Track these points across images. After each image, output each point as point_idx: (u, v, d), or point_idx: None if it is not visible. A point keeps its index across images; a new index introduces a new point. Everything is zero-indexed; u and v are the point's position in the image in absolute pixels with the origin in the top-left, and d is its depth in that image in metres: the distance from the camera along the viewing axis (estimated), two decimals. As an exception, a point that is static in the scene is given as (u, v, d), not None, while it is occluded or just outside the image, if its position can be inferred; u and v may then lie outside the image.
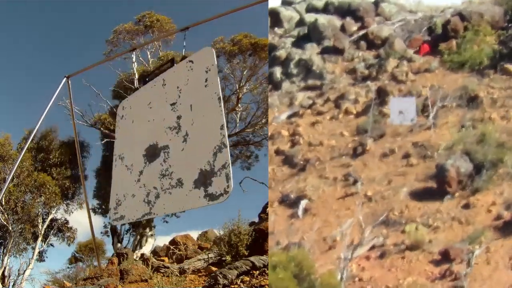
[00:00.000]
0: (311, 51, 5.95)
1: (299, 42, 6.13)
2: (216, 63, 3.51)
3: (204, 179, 2.94)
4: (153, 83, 4.07)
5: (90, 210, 9.33)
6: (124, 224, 17.00)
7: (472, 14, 5.70)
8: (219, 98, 3.24)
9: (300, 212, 4.51)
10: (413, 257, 4.00)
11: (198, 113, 3.36)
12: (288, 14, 6.39)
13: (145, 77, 4.37)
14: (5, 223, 14.59)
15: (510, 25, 5.69)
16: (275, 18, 6.34)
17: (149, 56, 17.10)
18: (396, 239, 4.15)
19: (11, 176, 5.74)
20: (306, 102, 5.60)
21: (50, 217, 16.45)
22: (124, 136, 4.22)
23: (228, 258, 8.23)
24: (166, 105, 3.72)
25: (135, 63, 14.41)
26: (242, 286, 6.37)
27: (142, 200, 3.45)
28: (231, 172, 2.80)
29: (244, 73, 16.04)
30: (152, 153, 3.61)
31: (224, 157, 2.89)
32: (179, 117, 3.52)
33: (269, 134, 5.38)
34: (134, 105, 4.27)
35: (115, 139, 4.30)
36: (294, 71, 5.87)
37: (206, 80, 3.45)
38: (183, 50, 4.58)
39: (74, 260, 20.16)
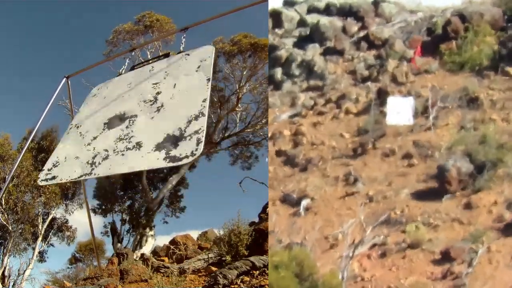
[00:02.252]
0: (313, 52, 5.95)
1: (301, 43, 6.13)
2: (213, 56, 3.40)
3: (168, 143, 2.71)
4: (141, 70, 3.91)
5: (90, 210, 9.32)
6: (124, 224, 16.99)
7: (473, 15, 5.71)
8: (208, 79, 3.09)
9: (301, 211, 4.52)
10: (414, 256, 4.00)
11: (181, 90, 3.19)
12: (289, 14, 6.40)
13: (134, 66, 4.13)
14: (5, 223, 14.56)
15: (509, 25, 5.70)
16: (276, 19, 6.34)
17: (149, 56, 17.09)
18: (397, 239, 4.15)
19: (11, 176, 5.74)
20: (307, 102, 5.61)
21: (50, 217, 16.43)
22: (88, 110, 3.88)
23: (228, 258, 8.24)
24: (148, 84, 3.52)
25: (134, 63, 14.38)
26: (242, 286, 6.38)
27: (86, 162, 3.12)
28: (203, 138, 2.61)
29: (244, 73, 16.05)
30: (116, 122, 3.34)
31: (199, 124, 2.72)
32: (158, 93, 3.33)
33: (270, 134, 5.38)
34: (112, 85, 4.02)
35: (77, 112, 3.98)
36: (296, 71, 5.87)
37: (198, 67, 3.30)
38: (181, 48, 4.52)
39: (74, 260, 20.15)
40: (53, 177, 3.29)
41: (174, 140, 2.71)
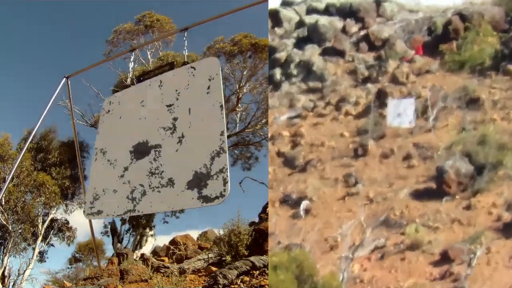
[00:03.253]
0: (311, 52, 5.94)
1: (300, 43, 6.12)
2: (220, 72, 3.44)
3: (198, 181, 2.85)
4: (148, 83, 3.93)
5: (90, 210, 9.27)
6: (124, 224, 17.00)
7: (473, 14, 5.70)
8: (221, 106, 3.18)
9: (301, 212, 4.51)
10: (413, 258, 4.00)
11: (197, 117, 3.26)
12: (288, 15, 6.39)
13: (140, 77, 4.16)
14: (5, 223, 14.57)
15: (511, 26, 5.69)
16: (275, 19, 6.33)
17: (149, 56, 17.11)
18: (396, 240, 4.15)
19: (11, 176, 5.73)
20: (307, 103, 5.60)
21: (50, 217, 16.44)
22: (108, 131, 4.00)
23: (228, 258, 8.25)
24: (161, 105, 3.58)
25: (134, 63, 14.38)
26: (242, 286, 6.38)
27: (125, 196, 3.28)
28: (229, 177, 2.74)
29: (244, 73, 16.05)
30: (141, 150, 3.45)
31: (222, 162, 2.83)
32: (175, 119, 3.40)
33: (270, 135, 5.38)
34: (124, 102, 4.08)
35: (98, 133, 4.10)
36: (295, 72, 5.86)
37: (208, 88, 3.37)
38: (184, 50, 4.51)
39: (74, 260, 20.17)
40: (99, 212, 3.50)
41: (202, 178, 2.88)
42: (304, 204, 4.54)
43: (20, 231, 15.07)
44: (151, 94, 3.82)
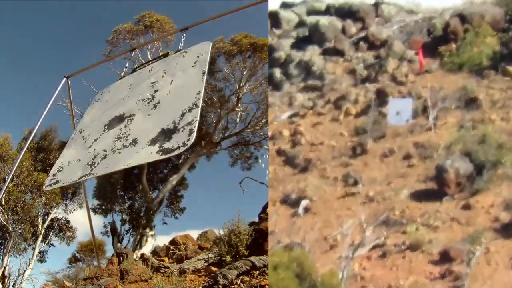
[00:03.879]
0: (312, 53, 5.96)
1: (300, 44, 6.14)
2: (209, 51, 3.45)
3: (163, 137, 2.77)
4: (140, 71, 4.03)
5: (90, 210, 9.33)
6: (124, 224, 17.00)
7: (473, 15, 5.71)
8: (203, 72, 3.16)
9: (301, 211, 4.52)
10: (413, 257, 4.01)
11: (177, 85, 3.26)
12: (288, 16, 6.40)
13: (136, 69, 4.25)
14: (5, 223, 14.57)
15: (511, 26, 5.71)
16: (275, 19, 6.35)
17: (149, 56, 17.10)
18: (396, 239, 4.16)
19: (11, 176, 5.74)
20: (306, 103, 5.61)
21: (50, 217, 16.45)
22: (92, 115, 4.01)
23: (228, 258, 8.25)
24: (147, 84, 3.63)
25: (134, 63, 14.43)
26: (242, 286, 6.38)
27: (86, 163, 3.23)
28: (196, 127, 2.66)
29: (244, 73, 16.06)
30: (115, 122, 3.45)
31: (192, 115, 2.77)
32: (156, 91, 3.42)
33: (270, 134, 5.39)
34: (113, 89, 4.14)
35: (82, 118, 4.13)
36: (295, 72, 5.87)
37: (195, 63, 3.37)
38: (179, 47, 4.53)
39: (74, 260, 20.17)
40: (57, 182, 3.40)
41: (168, 133, 2.77)
42: (304, 203, 4.55)
43: (20, 231, 15.07)
44: (140, 77, 3.89)
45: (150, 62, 4.18)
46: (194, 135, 2.60)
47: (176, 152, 2.59)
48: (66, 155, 3.67)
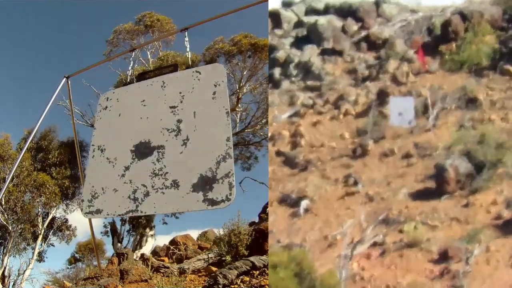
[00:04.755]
0: (311, 53, 5.96)
1: (299, 44, 6.14)
2: (226, 80, 3.45)
3: (204, 184, 2.84)
4: (150, 82, 3.88)
5: (90, 210, 9.29)
6: (124, 224, 17.00)
7: (473, 14, 5.71)
8: (227, 113, 3.21)
9: (301, 211, 4.53)
10: (412, 256, 4.01)
11: (203, 121, 3.26)
12: (288, 15, 6.40)
13: (141, 76, 4.09)
14: (5, 223, 14.58)
15: (509, 25, 5.71)
16: (275, 19, 6.35)
17: (149, 56, 17.12)
18: (395, 238, 4.17)
19: (11, 176, 5.75)
20: (306, 103, 5.61)
21: (50, 217, 16.46)
22: (106, 128, 3.90)
23: (228, 258, 8.26)
24: (164, 106, 3.55)
25: (134, 63, 14.44)
26: (242, 286, 6.39)
27: (127, 196, 3.21)
28: (234, 181, 2.76)
29: (244, 73, 16.07)
30: (143, 150, 3.39)
31: (228, 167, 2.84)
32: (179, 121, 3.38)
33: (270, 134, 5.40)
34: (123, 99, 4.00)
35: (94, 129, 4.01)
36: (294, 72, 5.88)
37: (214, 93, 3.38)
38: (188, 53, 4.49)
39: (74, 260, 20.18)
40: (98, 211, 3.39)
41: (208, 182, 2.87)
42: (304, 203, 4.56)
43: (20, 231, 15.08)
44: (153, 93, 3.77)
45: (158, 71, 4.07)
46: (234, 190, 2.73)
47: (221, 206, 2.71)
48: (95, 178, 3.59)
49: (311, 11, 6.41)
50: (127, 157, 3.47)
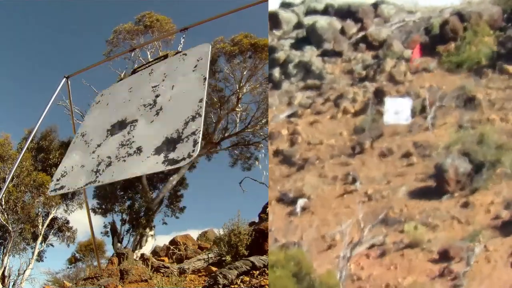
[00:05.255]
0: (310, 53, 5.97)
1: (299, 44, 6.15)
2: (209, 53, 3.43)
3: (167, 146, 2.76)
4: (140, 73, 3.98)
5: (90, 210, 9.34)
6: (124, 224, 17.02)
7: (471, 14, 5.72)
8: (204, 78, 3.14)
9: (298, 210, 4.53)
10: (412, 255, 4.02)
11: (179, 91, 3.23)
12: (288, 16, 6.41)
13: (135, 70, 4.18)
14: (5, 223, 14.59)
15: (508, 25, 5.72)
16: (275, 20, 6.36)
17: (149, 56, 17.13)
18: (395, 238, 4.17)
19: (11, 176, 5.75)
20: (305, 101, 5.63)
21: (50, 217, 16.46)
22: (93, 118, 3.98)
23: (228, 258, 8.27)
24: (147, 87, 3.59)
25: (134, 64, 14.44)
26: (242, 286, 6.39)
27: (91, 170, 3.22)
28: (200, 138, 2.66)
29: (244, 73, 16.07)
30: (117, 128, 3.42)
31: (195, 125, 2.76)
32: (157, 96, 3.39)
33: (269, 133, 5.41)
34: (114, 92, 4.10)
35: (83, 121, 4.10)
36: (294, 73, 5.89)
37: (195, 67, 3.35)
38: (179, 48, 4.52)
39: (74, 260, 20.19)
40: (61, 187, 3.41)
41: (172, 142, 2.76)
42: (302, 201, 4.56)
43: (20, 231, 15.09)
44: (141, 80, 3.84)
45: (150, 63, 4.14)
46: (198, 146, 2.60)
47: (181, 164, 2.59)
48: (69, 159, 3.65)
49: (310, 11, 6.43)
50: (102, 135, 3.50)
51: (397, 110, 5.16)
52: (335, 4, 6.29)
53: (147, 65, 4.15)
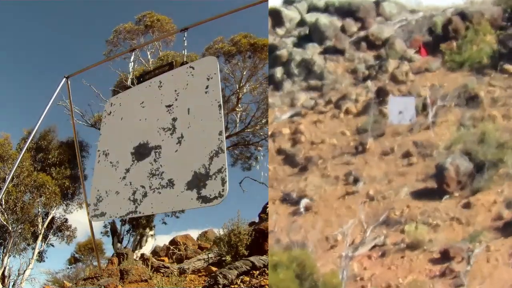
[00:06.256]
0: (312, 51, 5.95)
1: (300, 42, 6.13)
2: (218, 72, 3.47)
3: (197, 182, 2.89)
4: (148, 84, 3.98)
5: (90, 210, 9.30)
6: (124, 224, 17.00)
7: (473, 13, 5.71)
8: (220, 105, 3.20)
9: (301, 211, 4.52)
10: (413, 256, 4.01)
11: (196, 117, 3.30)
12: (289, 14, 6.39)
13: (141, 77, 4.20)
14: (5, 223, 14.57)
15: (509, 24, 5.71)
16: (276, 18, 6.34)
17: (149, 56, 17.11)
18: (396, 238, 4.16)
19: (10, 176, 5.74)
20: (307, 102, 5.61)
21: (50, 217, 16.45)
22: (110, 132, 4.07)
23: (228, 258, 8.25)
24: (160, 106, 3.63)
25: (134, 63, 14.38)
26: (242, 286, 6.38)
27: (127, 198, 3.34)
28: (227, 176, 2.77)
29: (244, 73, 16.05)
30: (142, 152, 3.51)
31: (220, 162, 2.86)
32: (174, 119, 3.45)
33: (270, 133, 5.39)
34: (125, 103, 4.14)
35: (100, 134, 4.18)
36: (296, 71, 5.87)
37: (207, 87, 3.39)
38: (184, 50, 4.53)
39: (74, 260, 20.18)
40: (102, 214, 3.56)
41: (201, 179, 2.91)
42: (304, 202, 4.55)
43: (20, 231, 15.07)
44: (151, 94, 3.86)
45: (155, 71, 4.15)
46: (227, 185, 2.73)
47: (214, 203, 2.73)
48: (99, 183, 3.78)
49: (312, 8, 6.40)
50: (128, 159, 3.59)
51: (399, 110, 5.15)
52: (335, 2, 6.28)
53: (153, 73, 4.15)
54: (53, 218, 16.86)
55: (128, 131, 3.81)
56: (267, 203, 10.27)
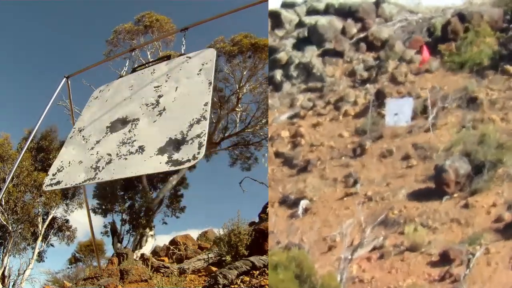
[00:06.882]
0: (311, 54, 5.94)
1: (300, 44, 6.13)
2: (215, 59, 3.40)
3: (171, 147, 2.69)
4: (141, 72, 3.90)
5: (90, 210, 9.32)
6: (124, 224, 17.00)
7: (473, 15, 5.70)
8: (210, 83, 3.08)
9: (300, 212, 4.51)
10: (412, 258, 3.99)
11: (183, 93, 3.17)
12: (289, 16, 6.39)
13: (135, 68, 4.11)
14: (5, 223, 14.58)
15: (510, 26, 5.70)
16: (275, 20, 6.34)
17: (149, 56, 17.10)
18: (395, 240, 4.15)
19: (11, 176, 5.73)
20: (306, 104, 5.61)
21: (50, 217, 16.45)
22: (92, 113, 3.84)
23: (228, 258, 8.24)
24: (150, 86, 3.51)
25: (134, 64, 14.36)
26: (242, 286, 6.37)
27: (90, 166, 3.09)
28: (205, 141, 2.61)
29: (244, 73, 16.04)
30: (118, 125, 3.31)
31: (201, 128, 2.71)
32: (160, 96, 3.32)
33: (269, 135, 5.39)
34: (114, 88, 3.99)
35: (80, 115, 3.95)
36: (295, 73, 5.86)
37: (200, 70, 3.29)
38: (182, 50, 4.50)
39: (74, 260, 20.19)
40: (58, 182, 3.28)
41: (176, 144, 2.70)
42: (303, 203, 4.54)
43: (20, 231, 15.08)
44: (142, 79, 3.76)
45: (151, 63, 4.09)
46: (204, 149, 2.55)
47: (186, 165, 2.52)
48: (66, 154, 3.54)
49: (312, 11, 6.40)
50: (102, 132, 3.40)
51: (398, 112, 5.14)
52: (335, 4, 6.27)
53: (147, 65, 4.09)
54: (53, 218, 16.87)
55: (110, 110, 3.62)
56: (267, 203, 10.27)
